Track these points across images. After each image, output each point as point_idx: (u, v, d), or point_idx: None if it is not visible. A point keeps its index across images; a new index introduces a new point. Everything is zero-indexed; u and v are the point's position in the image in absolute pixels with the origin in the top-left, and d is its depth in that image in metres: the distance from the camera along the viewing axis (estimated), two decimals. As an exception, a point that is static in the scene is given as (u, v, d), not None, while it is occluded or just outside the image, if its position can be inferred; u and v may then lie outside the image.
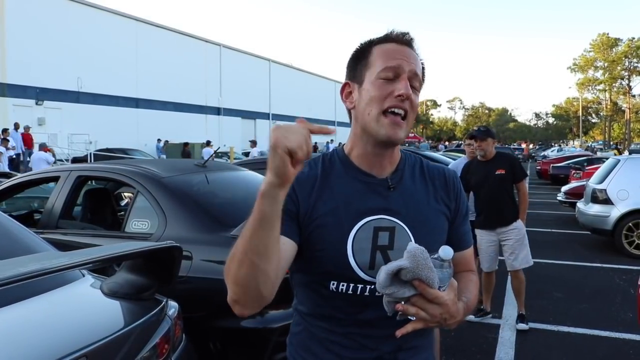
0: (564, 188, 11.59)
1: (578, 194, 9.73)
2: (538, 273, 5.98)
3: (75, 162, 18.47)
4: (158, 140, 26.51)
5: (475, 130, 4.66)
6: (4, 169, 13.49)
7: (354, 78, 1.19)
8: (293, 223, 1.13)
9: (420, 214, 1.18)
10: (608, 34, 57.36)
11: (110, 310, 2.00)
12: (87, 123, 23.96)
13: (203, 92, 33.90)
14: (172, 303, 2.15)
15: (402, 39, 1.16)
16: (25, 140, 17.31)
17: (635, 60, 56.63)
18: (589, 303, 5.19)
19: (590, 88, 61.36)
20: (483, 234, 4.56)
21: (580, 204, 8.55)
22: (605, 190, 7.80)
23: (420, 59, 1.18)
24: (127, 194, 5.42)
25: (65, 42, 23.78)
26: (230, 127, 35.43)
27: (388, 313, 1.05)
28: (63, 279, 2.03)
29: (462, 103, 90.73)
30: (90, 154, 20.62)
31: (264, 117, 41.04)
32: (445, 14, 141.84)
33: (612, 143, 53.05)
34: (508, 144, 57.48)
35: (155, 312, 1.97)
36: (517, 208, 4.48)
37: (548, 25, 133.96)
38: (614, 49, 57.30)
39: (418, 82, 1.14)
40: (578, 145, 51.71)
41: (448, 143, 52.84)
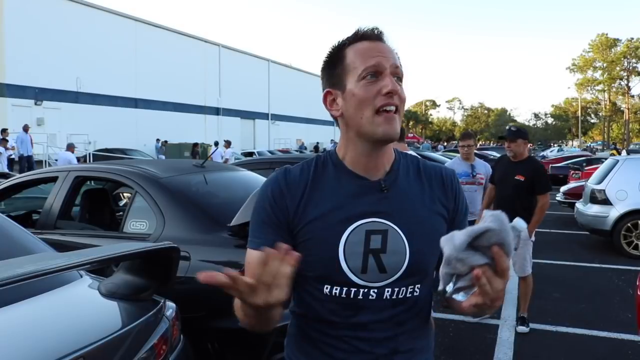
0: (563, 188, 11.57)
1: (577, 194, 9.72)
2: (537, 273, 5.94)
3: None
4: (157, 141, 26.50)
5: (507, 130, 4.57)
6: (3, 170, 13.48)
7: (335, 85, 1.16)
8: (283, 234, 1.13)
9: (415, 216, 1.15)
10: (607, 35, 57.43)
11: (108, 311, 2.00)
12: (86, 123, 23.97)
13: (202, 92, 33.90)
14: (170, 304, 2.14)
15: (373, 35, 1.14)
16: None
17: (634, 61, 56.74)
18: (588, 303, 5.20)
19: (589, 88, 61.42)
20: None
21: (579, 205, 8.55)
22: (604, 191, 7.80)
23: (395, 50, 1.17)
24: (126, 194, 5.41)
25: (65, 42, 23.80)
26: (230, 127, 35.43)
27: (440, 287, 0.95)
28: (61, 280, 2.03)
29: (461, 103, 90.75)
30: (89, 154, 20.63)
31: (263, 117, 41.05)
32: (445, 14, 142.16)
33: (611, 143, 53.07)
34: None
35: (153, 312, 1.97)
36: (528, 216, 4.23)
37: (547, 26, 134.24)
38: (613, 50, 57.36)
39: (400, 74, 1.14)
40: (578, 146, 51.64)
41: (447, 143, 52.82)
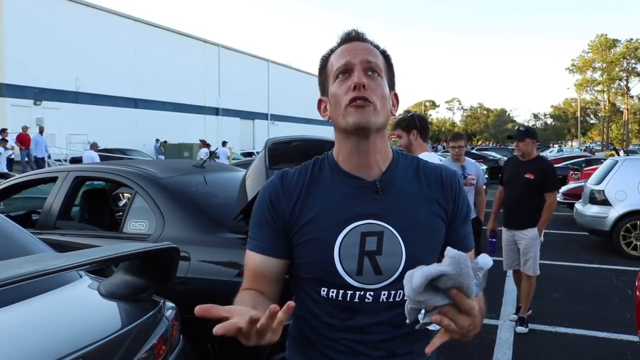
0: (562, 189, 11.57)
1: (576, 195, 9.73)
2: (536, 274, 5.98)
3: (74, 162, 18.45)
4: (156, 141, 26.48)
5: (516, 130, 4.64)
6: (3, 170, 13.48)
7: (324, 92, 1.21)
8: (279, 237, 1.15)
9: (411, 217, 1.14)
10: (606, 35, 57.40)
11: (108, 312, 2.00)
12: (85, 123, 23.93)
13: (202, 92, 33.88)
14: (169, 304, 2.15)
15: (349, 37, 1.19)
16: (23, 141, 17.26)
17: (634, 62, 56.73)
18: (587, 304, 5.20)
19: (589, 89, 61.38)
20: (504, 232, 4.63)
21: (579, 205, 8.56)
22: (603, 191, 7.81)
23: (377, 46, 1.19)
24: (127, 194, 5.41)
25: (64, 42, 23.77)
26: (229, 127, 35.41)
27: (407, 320, 0.96)
28: (60, 280, 2.03)
29: (460, 104, 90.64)
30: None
31: (263, 117, 41.03)
32: (445, 15, 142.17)
33: (610, 144, 53.05)
34: (506, 145, 57.44)
35: (153, 313, 1.97)
36: (538, 215, 4.36)
37: (546, 26, 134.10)
38: (612, 50, 57.36)
39: (375, 67, 1.14)
40: (577, 146, 51.53)
41: (446, 144, 52.80)
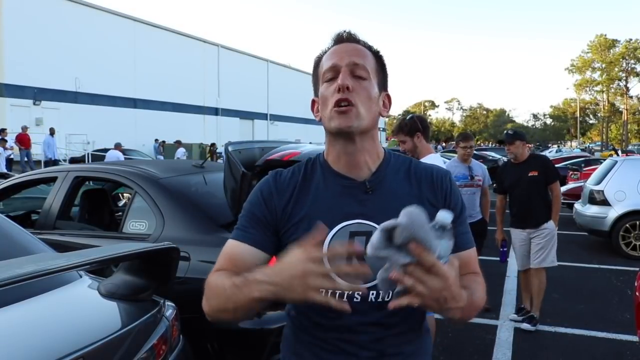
0: (562, 189, 11.58)
1: (576, 195, 9.74)
2: (535, 274, 5.98)
3: (73, 162, 18.45)
4: (155, 141, 26.47)
5: (504, 134, 4.74)
6: (2, 170, 13.47)
7: (316, 93, 1.23)
8: (269, 233, 1.17)
9: None
10: (606, 35, 57.47)
11: (108, 312, 2.00)
12: (84, 123, 23.94)
13: (201, 92, 33.88)
14: (169, 304, 2.14)
15: (339, 39, 1.19)
16: (22, 141, 17.25)
17: (633, 62, 56.78)
18: (586, 304, 5.21)
19: (588, 89, 61.45)
20: (516, 233, 4.67)
21: (578, 205, 8.57)
22: (603, 192, 7.82)
23: (370, 47, 1.20)
24: (126, 194, 5.41)
25: (63, 42, 23.77)
26: (228, 127, 35.42)
27: (381, 291, 0.93)
28: (60, 280, 2.03)
29: (460, 104, 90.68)
30: (88, 154, 20.60)
31: (262, 117, 41.04)
32: (444, 15, 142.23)
33: (609, 144, 53.07)
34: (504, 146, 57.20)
35: (153, 313, 1.97)
36: (549, 209, 4.52)
37: (546, 27, 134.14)
38: (612, 50, 57.40)
39: (363, 69, 1.15)
40: (577, 146, 51.52)
41: (445, 144, 52.83)
